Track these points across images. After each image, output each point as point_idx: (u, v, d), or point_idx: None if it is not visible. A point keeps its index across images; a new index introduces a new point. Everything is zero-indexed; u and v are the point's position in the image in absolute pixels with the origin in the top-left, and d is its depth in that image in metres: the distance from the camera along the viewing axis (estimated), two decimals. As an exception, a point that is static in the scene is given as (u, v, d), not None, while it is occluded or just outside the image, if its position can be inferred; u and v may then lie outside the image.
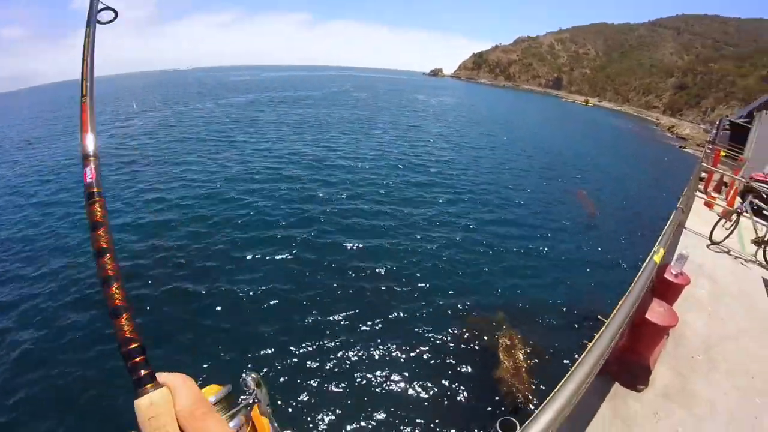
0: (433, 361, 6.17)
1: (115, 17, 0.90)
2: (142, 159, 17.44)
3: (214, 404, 0.61)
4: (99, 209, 0.64)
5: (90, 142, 0.71)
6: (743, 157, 10.77)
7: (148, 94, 47.61)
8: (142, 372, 0.56)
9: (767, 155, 9.90)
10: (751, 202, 6.91)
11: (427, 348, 6.42)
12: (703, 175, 10.58)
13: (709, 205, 9.28)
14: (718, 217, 7.27)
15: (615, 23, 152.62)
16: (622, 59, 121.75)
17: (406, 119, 33.80)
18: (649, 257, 3.60)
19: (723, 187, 10.99)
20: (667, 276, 4.24)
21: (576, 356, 4.43)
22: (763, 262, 6.60)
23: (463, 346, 6.52)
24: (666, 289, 4.31)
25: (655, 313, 3.60)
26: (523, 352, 6.19)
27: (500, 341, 6.41)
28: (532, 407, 5.16)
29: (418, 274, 8.58)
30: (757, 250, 6.76)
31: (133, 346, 0.57)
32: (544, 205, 14.45)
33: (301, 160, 17.39)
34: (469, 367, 6.06)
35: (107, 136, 22.03)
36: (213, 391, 0.65)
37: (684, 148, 40.57)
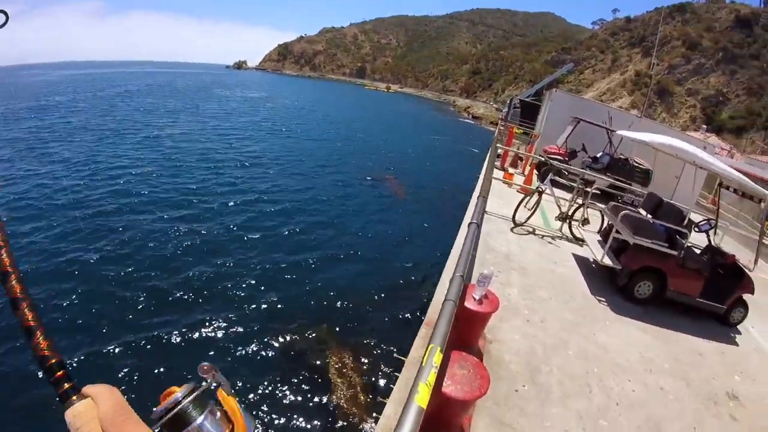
0: (261, 397, 5.18)
1: (6, 21, 0.78)
2: None
3: (182, 401, 0.59)
4: None
5: None
6: (536, 133, 11.69)
7: None
8: (65, 385, 0.56)
9: (557, 130, 10.74)
10: (552, 180, 6.94)
11: (255, 382, 5.34)
12: (500, 152, 11.13)
13: (507, 184, 9.63)
14: (521, 197, 7.13)
15: (415, 15, 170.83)
16: (421, 48, 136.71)
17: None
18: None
19: (519, 161, 11.87)
20: (468, 305, 3.15)
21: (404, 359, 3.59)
22: (570, 236, 6.73)
23: (292, 373, 5.60)
24: (468, 322, 3.28)
25: (456, 379, 2.39)
26: (354, 367, 5.75)
27: (330, 360, 5.84)
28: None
29: (217, 303, 6.96)
30: (561, 225, 6.85)
31: (53, 362, 0.58)
32: (351, 197, 13.37)
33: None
34: (302, 397, 5.24)
35: None
36: (173, 392, 0.61)
37: (480, 125, 47.24)
